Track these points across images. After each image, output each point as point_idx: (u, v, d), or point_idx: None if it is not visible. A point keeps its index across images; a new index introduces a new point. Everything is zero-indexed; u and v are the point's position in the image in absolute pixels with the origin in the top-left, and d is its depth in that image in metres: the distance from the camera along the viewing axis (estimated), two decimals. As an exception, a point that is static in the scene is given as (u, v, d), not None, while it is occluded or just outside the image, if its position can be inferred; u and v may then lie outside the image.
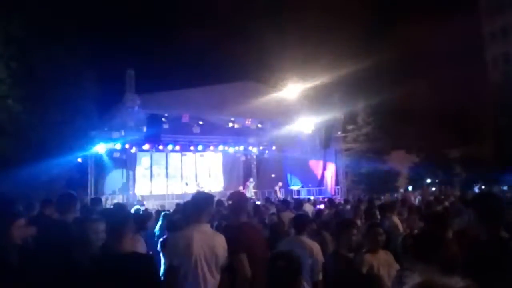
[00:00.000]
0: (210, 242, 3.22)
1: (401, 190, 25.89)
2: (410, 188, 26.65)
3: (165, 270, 3.30)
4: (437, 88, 34.11)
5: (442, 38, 36.86)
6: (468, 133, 28.54)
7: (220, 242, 3.29)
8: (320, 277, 3.88)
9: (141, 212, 8.53)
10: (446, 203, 8.74)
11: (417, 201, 14.10)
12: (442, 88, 33.57)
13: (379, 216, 6.56)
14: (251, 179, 21.72)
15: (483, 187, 23.76)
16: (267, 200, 13.40)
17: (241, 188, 20.48)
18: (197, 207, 3.36)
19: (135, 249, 2.74)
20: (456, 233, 3.91)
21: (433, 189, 26.34)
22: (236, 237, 3.57)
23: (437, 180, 31.99)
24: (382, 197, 14.90)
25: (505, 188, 20.68)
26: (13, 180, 12.43)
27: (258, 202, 13.51)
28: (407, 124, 33.05)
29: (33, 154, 13.87)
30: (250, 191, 19.86)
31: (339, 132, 20.04)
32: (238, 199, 4.15)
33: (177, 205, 9.20)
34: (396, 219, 6.33)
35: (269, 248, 3.84)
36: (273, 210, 8.98)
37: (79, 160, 18.46)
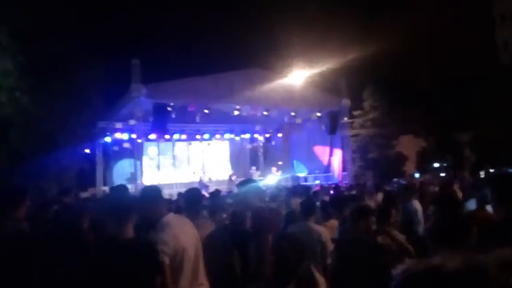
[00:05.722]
0: (191, 230, 3.20)
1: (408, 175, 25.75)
2: (417, 175, 26.43)
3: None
4: (445, 71, 33.53)
5: (450, 19, 36.13)
6: (477, 115, 28.18)
7: (192, 227, 3.26)
8: (329, 261, 3.90)
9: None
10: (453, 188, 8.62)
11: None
12: (450, 71, 33.00)
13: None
14: (254, 167, 21.66)
15: (491, 170, 23.51)
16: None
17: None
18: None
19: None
20: (467, 215, 3.89)
21: (442, 174, 26.10)
22: (261, 218, 3.55)
23: (445, 164, 31.70)
24: (389, 183, 14.64)
25: (512, 171, 20.41)
26: (23, 171, 12.56)
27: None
28: (414, 107, 32.62)
29: (42, 145, 13.99)
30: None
31: (346, 118, 19.92)
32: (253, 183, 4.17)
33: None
34: (417, 203, 6.18)
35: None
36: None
37: (87, 151, 18.61)
